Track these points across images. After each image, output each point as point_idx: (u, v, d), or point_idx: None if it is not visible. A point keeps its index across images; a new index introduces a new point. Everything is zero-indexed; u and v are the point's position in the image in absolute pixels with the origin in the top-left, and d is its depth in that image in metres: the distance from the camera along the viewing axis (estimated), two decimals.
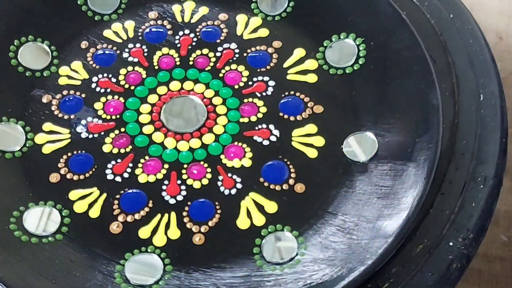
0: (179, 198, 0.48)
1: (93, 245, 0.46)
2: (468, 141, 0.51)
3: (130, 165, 0.49)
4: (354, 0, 0.55)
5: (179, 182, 0.49)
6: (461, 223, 0.47)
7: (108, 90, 0.53)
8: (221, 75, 0.54)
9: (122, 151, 0.50)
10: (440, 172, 0.49)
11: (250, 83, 0.54)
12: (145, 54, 0.55)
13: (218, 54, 0.55)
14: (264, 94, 0.53)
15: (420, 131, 0.49)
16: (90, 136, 0.51)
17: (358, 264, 0.43)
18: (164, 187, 0.48)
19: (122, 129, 0.51)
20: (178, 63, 0.55)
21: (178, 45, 0.56)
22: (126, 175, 0.49)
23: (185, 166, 0.49)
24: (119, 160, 0.50)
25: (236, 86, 0.53)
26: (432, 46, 0.54)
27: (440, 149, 0.47)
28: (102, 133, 0.51)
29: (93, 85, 0.53)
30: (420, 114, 0.49)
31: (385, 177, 0.48)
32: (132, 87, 0.53)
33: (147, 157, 0.50)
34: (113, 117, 0.52)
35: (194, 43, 0.56)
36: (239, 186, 0.49)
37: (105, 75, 0.54)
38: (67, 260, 0.45)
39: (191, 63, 0.55)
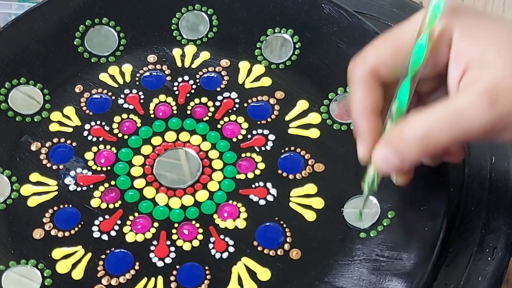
0: (168, 260, 0.45)
1: None
2: (477, 208, 0.48)
3: (119, 222, 0.47)
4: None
5: (168, 242, 0.46)
6: None
7: (101, 139, 0.51)
8: (219, 126, 0.51)
9: (111, 206, 0.48)
10: (445, 242, 0.46)
11: (249, 136, 0.51)
12: (141, 101, 0.53)
13: (217, 103, 0.53)
14: (263, 148, 0.50)
15: (425, 198, 0.46)
16: (78, 188, 0.48)
17: None
18: (152, 248, 0.46)
19: (112, 182, 0.49)
20: (175, 111, 0.52)
21: (176, 92, 0.53)
22: (113, 233, 0.46)
23: (176, 225, 0.47)
24: (107, 217, 0.47)
25: (234, 139, 0.51)
26: None
27: (446, 219, 0.45)
28: (91, 186, 0.48)
29: (85, 133, 0.51)
30: (426, 180, 0.46)
31: (385, 247, 0.45)
32: (126, 137, 0.51)
33: (136, 214, 0.47)
34: (104, 168, 0.49)
35: (193, 91, 0.53)
36: (231, 249, 0.46)
37: (98, 122, 0.52)
38: None
39: (188, 112, 0.52)
